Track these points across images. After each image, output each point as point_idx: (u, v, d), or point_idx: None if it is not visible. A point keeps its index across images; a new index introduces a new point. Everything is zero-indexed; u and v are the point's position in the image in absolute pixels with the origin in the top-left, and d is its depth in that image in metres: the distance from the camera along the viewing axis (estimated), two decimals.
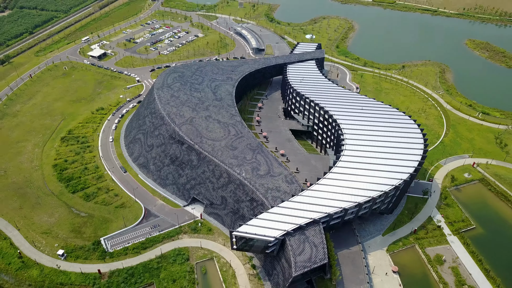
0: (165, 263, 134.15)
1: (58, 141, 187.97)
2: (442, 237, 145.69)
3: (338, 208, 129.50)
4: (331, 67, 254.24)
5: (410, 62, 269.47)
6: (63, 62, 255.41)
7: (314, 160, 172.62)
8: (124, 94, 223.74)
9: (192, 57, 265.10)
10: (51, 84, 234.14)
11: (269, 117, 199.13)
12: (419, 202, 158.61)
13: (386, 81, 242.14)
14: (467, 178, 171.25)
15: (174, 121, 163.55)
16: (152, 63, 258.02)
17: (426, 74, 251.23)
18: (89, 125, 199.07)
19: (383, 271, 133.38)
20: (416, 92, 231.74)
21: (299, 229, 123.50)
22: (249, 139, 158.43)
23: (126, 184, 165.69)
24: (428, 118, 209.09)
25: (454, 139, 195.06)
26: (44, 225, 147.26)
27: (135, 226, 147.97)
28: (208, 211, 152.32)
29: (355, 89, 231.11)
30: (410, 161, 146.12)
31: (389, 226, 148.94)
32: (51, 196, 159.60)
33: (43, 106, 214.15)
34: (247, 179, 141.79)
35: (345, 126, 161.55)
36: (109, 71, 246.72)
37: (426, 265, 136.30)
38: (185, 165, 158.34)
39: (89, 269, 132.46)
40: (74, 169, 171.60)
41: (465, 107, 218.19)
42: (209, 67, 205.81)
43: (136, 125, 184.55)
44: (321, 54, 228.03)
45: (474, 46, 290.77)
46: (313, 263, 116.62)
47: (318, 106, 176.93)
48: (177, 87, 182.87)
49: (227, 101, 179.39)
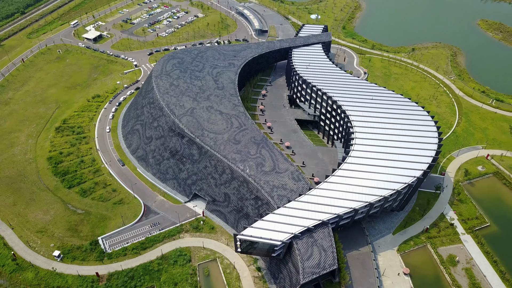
0: (166, 265, 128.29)
1: (52, 131, 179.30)
2: (455, 235, 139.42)
3: (347, 208, 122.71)
4: (338, 50, 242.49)
5: (420, 44, 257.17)
6: (57, 45, 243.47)
7: (321, 152, 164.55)
8: (121, 80, 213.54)
9: (192, 40, 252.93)
10: (44, 69, 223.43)
11: (273, 106, 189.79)
12: (431, 197, 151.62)
13: (395, 66, 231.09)
14: (480, 172, 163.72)
15: (174, 112, 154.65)
16: (150, 46, 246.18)
17: (437, 57, 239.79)
18: (85, 114, 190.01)
19: (394, 273, 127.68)
20: (427, 77, 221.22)
21: (307, 232, 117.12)
22: (253, 131, 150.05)
23: (125, 178, 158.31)
24: (439, 106, 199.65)
25: (467, 128, 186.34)
26: (39, 223, 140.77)
27: (134, 224, 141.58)
28: (210, 208, 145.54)
29: (363, 74, 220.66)
30: (423, 156, 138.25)
31: (399, 224, 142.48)
32: (46, 191, 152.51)
33: (37, 93, 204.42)
34: (251, 176, 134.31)
35: (354, 118, 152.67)
36: (105, 55, 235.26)
37: (438, 266, 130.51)
38: (186, 159, 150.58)
39: (87, 271, 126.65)
40: (70, 162, 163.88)
41: (478, 94, 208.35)
42: (210, 52, 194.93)
43: (134, 115, 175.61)
44: (327, 38, 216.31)
45: (487, 26, 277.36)
46: (322, 269, 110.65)
47: (326, 95, 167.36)
48: (177, 74, 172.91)
49: (229, 90, 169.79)
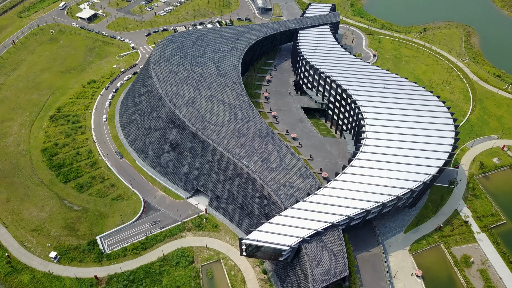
0: (168, 267, 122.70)
1: (46, 120, 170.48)
2: (469, 234, 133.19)
3: (359, 209, 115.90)
4: (346, 30, 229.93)
5: (432, 23, 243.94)
6: (49, 25, 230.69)
7: (329, 144, 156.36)
8: (117, 64, 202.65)
9: (192, 19, 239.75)
10: (37, 52, 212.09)
11: (278, 93, 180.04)
12: (445, 192, 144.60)
13: (406, 47, 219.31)
14: (496, 164, 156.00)
15: (174, 102, 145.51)
16: (147, 26, 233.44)
17: (450, 38, 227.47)
18: (80, 101, 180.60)
19: (406, 274, 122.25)
20: (440, 60, 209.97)
21: (316, 235, 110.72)
22: (257, 123, 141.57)
23: (123, 172, 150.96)
24: (453, 91, 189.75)
25: (481, 116, 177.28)
26: (35, 221, 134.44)
27: (134, 222, 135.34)
28: (213, 205, 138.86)
29: (372, 57, 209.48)
30: (439, 152, 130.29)
31: (411, 221, 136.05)
32: (41, 186, 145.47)
33: (29, 78, 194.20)
34: (256, 173, 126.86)
35: (366, 109, 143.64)
36: (101, 36, 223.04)
37: (452, 268, 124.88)
38: (187, 153, 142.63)
39: (85, 273, 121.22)
40: (65, 154, 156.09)
41: (493, 78, 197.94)
42: (212, 34, 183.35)
43: (132, 103, 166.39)
44: (335, 18, 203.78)
45: (502, 4, 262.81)
46: (332, 276, 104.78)
47: (335, 83, 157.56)
48: (176, 60, 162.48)
49: (232, 77, 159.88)
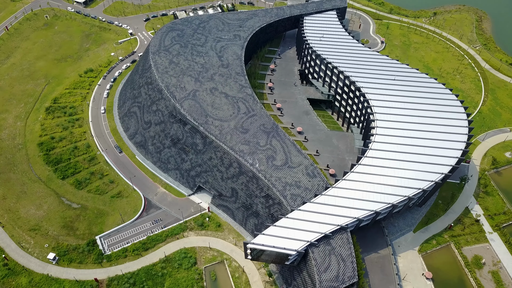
0: (170, 268, 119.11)
1: (42, 112, 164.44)
2: (481, 233, 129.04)
3: (368, 211, 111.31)
4: (352, 15, 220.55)
5: (442, 7, 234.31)
6: (44, 10, 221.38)
7: (336, 138, 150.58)
8: (115, 51, 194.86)
9: (192, 3, 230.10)
10: (31, 38, 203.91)
11: (283, 83, 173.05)
12: (455, 189, 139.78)
13: (415, 33, 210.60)
14: (509, 159, 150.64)
15: (174, 95, 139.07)
16: (146, 10, 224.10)
17: (460, 23, 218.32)
18: (77, 91, 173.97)
19: (415, 276, 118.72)
20: (450, 47, 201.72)
21: (323, 239, 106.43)
22: (262, 118, 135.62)
23: (123, 167, 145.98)
24: (464, 81, 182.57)
25: (493, 107, 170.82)
26: (32, 220, 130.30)
27: (135, 221, 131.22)
28: (216, 203, 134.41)
29: (380, 43, 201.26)
30: (452, 149, 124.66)
31: (421, 220, 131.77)
32: (38, 182, 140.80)
33: (24, 67, 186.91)
34: (261, 172, 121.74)
35: (375, 103, 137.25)
36: (97, 21, 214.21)
37: (463, 269, 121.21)
38: (189, 149, 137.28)
39: (85, 275, 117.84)
40: (63, 149, 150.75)
41: (506, 67, 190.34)
42: (213, 21, 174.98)
43: (131, 95, 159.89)
44: (342, 3, 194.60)
45: None
46: (341, 282, 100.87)
47: (343, 74, 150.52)
48: (176, 50, 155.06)
49: (235, 68, 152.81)
